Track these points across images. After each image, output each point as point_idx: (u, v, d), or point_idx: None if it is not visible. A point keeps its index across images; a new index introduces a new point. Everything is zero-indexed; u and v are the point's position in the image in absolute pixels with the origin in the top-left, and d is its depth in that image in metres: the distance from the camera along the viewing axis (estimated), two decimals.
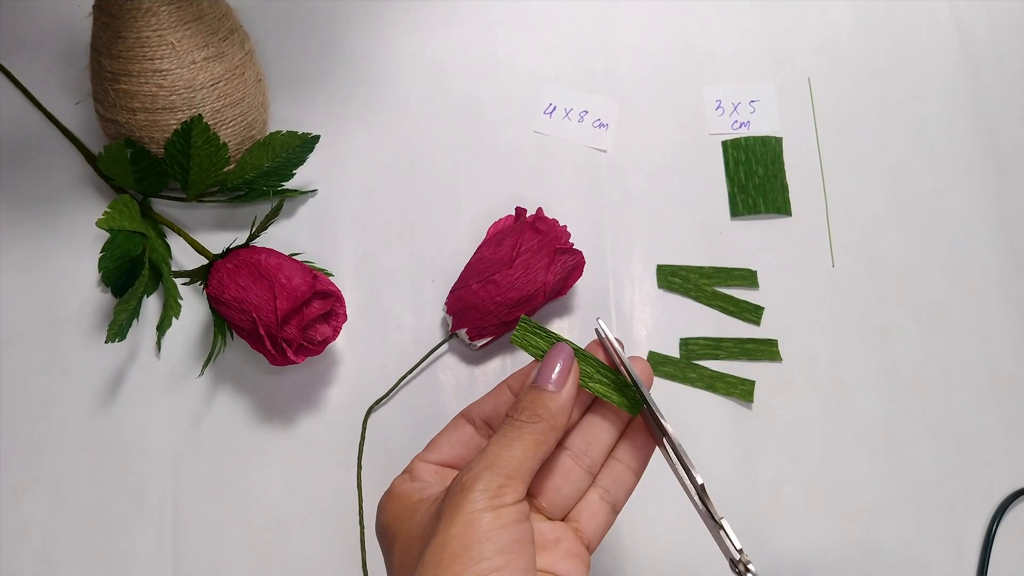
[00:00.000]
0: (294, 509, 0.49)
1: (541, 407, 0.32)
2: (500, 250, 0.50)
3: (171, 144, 0.49)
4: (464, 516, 0.29)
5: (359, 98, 0.59)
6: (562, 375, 0.33)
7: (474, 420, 0.36)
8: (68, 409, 0.51)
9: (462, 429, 0.36)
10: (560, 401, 0.33)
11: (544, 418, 0.32)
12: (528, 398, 0.33)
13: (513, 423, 0.32)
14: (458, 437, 0.36)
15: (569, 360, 0.34)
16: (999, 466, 0.51)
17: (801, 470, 0.51)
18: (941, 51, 0.61)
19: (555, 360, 0.34)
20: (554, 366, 0.33)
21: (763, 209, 0.56)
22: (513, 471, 0.30)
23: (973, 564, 0.49)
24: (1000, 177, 0.58)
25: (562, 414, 0.33)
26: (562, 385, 0.33)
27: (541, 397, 0.33)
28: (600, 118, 0.59)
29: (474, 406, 0.37)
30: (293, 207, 0.56)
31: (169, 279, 0.51)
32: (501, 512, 0.29)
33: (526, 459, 0.31)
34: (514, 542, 0.29)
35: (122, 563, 0.48)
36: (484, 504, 0.29)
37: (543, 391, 0.33)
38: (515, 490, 0.30)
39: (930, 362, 0.54)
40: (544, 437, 0.32)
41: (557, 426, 0.32)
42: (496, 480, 0.30)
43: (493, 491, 0.30)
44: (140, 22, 0.48)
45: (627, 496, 0.36)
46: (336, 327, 0.48)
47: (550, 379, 0.33)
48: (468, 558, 0.28)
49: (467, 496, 0.29)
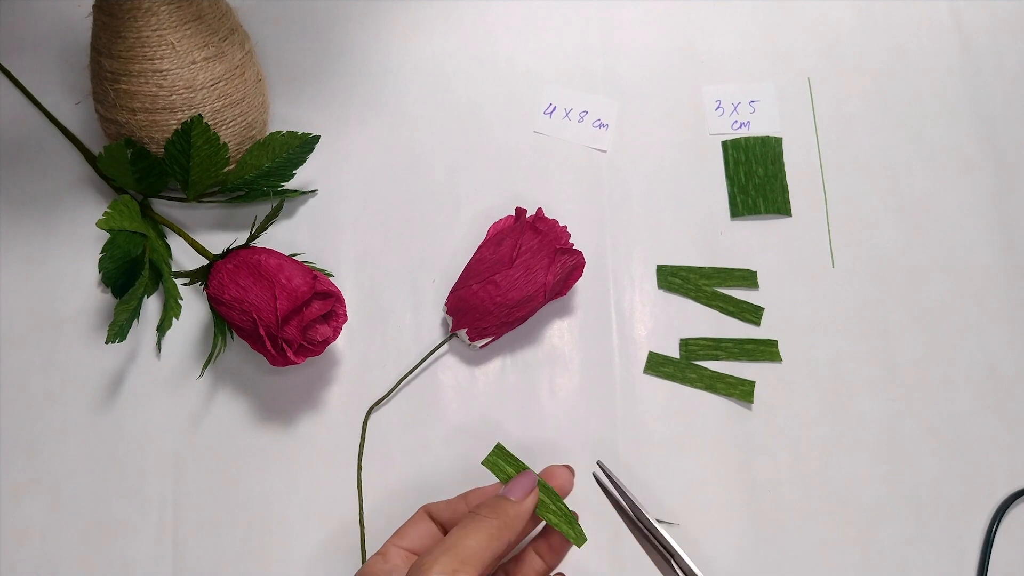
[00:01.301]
0: (294, 509, 0.49)
1: (501, 509, 0.37)
2: (500, 250, 0.50)
3: (171, 144, 0.49)
4: None
5: (359, 98, 0.59)
6: (524, 491, 0.38)
7: (437, 518, 0.41)
8: (68, 409, 0.51)
9: (426, 523, 0.41)
10: (519, 509, 0.38)
11: (501, 516, 0.37)
12: (492, 502, 0.38)
13: (474, 516, 0.37)
14: (424, 529, 0.40)
15: (532, 485, 0.39)
16: (999, 466, 0.51)
17: (801, 470, 0.51)
18: (941, 51, 0.61)
19: (522, 482, 0.39)
20: (521, 484, 0.39)
21: (763, 209, 0.56)
22: (467, 557, 0.34)
23: (973, 564, 0.49)
24: (1000, 177, 0.58)
25: (519, 520, 0.37)
26: (523, 498, 0.38)
27: (502, 502, 0.38)
28: (600, 118, 0.59)
29: (438, 505, 0.41)
30: (293, 207, 0.56)
31: (169, 279, 0.51)
32: None
33: (480, 549, 0.35)
34: None
35: (122, 563, 0.48)
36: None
37: (506, 500, 0.38)
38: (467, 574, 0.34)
39: (930, 362, 0.54)
40: (499, 533, 0.36)
41: (513, 528, 0.37)
42: (452, 564, 0.34)
43: (448, 572, 0.33)
44: (140, 22, 0.48)
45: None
46: (336, 327, 0.48)
47: (515, 493, 0.38)
48: None
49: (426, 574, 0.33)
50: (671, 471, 0.51)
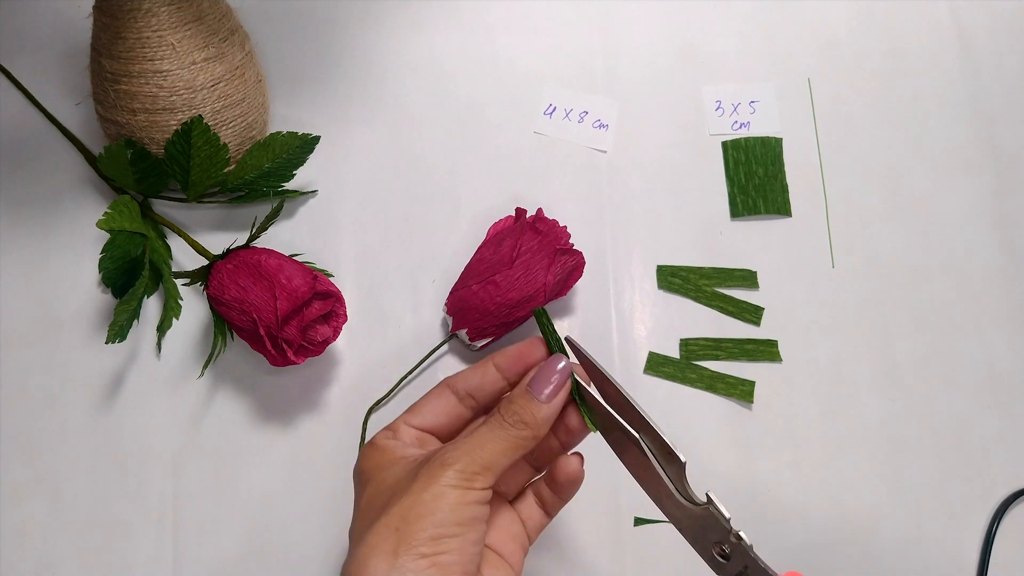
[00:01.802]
0: (294, 509, 0.49)
1: (528, 416, 0.36)
2: (500, 251, 0.50)
3: (171, 145, 0.49)
4: (437, 488, 0.33)
5: (359, 98, 0.59)
6: (555, 390, 0.37)
7: (457, 390, 0.39)
8: (68, 409, 0.51)
9: (445, 398, 0.39)
10: (546, 413, 0.36)
11: (529, 426, 0.36)
12: (519, 403, 0.36)
13: (502, 423, 0.36)
14: (441, 406, 0.39)
15: (565, 377, 0.37)
16: (999, 466, 0.51)
17: (801, 470, 0.51)
18: (941, 51, 0.61)
19: (552, 372, 0.37)
20: (550, 378, 0.37)
21: (763, 210, 0.57)
22: (488, 463, 0.34)
23: (973, 564, 0.49)
24: (1000, 177, 0.58)
25: (545, 425, 0.36)
26: (552, 399, 0.36)
27: (531, 406, 0.36)
28: (600, 118, 0.59)
29: (459, 377, 0.39)
30: (293, 208, 0.56)
31: (169, 280, 0.51)
32: (468, 493, 0.33)
33: (503, 457, 0.35)
34: (472, 519, 0.33)
35: (122, 563, 0.48)
36: (456, 483, 0.33)
37: (534, 400, 0.36)
38: (485, 479, 0.34)
39: (930, 362, 0.54)
40: (524, 443, 0.36)
41: (538, 435, 0.36)
42: (472, 467, 0.34)
43: (467, 475, 0.34)
44: (140, 23, 0.48)
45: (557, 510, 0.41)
46: (336, 327, 0.48)
47: (543, 390, 0.36)
48: (430, 522, 0.32)
49: (444, 471, 0.33)
50: None
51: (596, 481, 0.50)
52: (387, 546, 0.32)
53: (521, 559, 0.39)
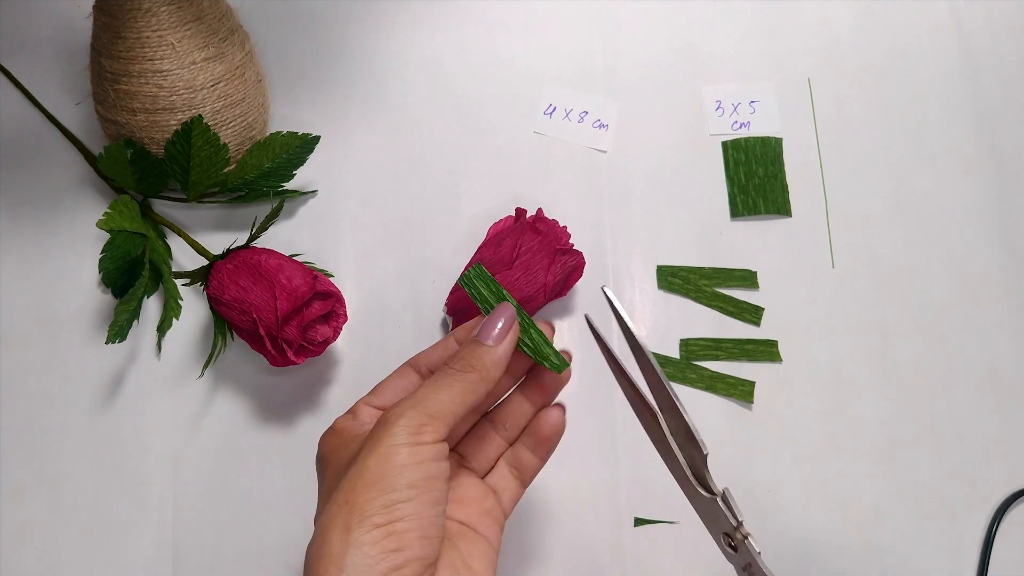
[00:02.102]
0: (294, 509, 0.49)
1: (476, 359, 0.34)
2: (500, 251, 0.50)
3: (171, 144, 0.49)
4: (383, 448, 0.31)
5: (359, 98, 0.59)
6: (502, 332, 0.35)
7: (419, 369, 0.38)
8: (68, 409, 0.51)
9: (407, 377, 0.38)
10: (495, 356, 0.34)
11: (477, 369, 0.34)
12: (466, 350, 0.35)
13: (446, 371, 0.34)
14: (402, 384, 0.37)
15: (511, 320, 0.35)
16: (999, 466, 0.51)
17: (801, 470, 0.51)
18: (941, 51, 0.61)
19: (498, 318, 0.35)
20: (496, 323, 0.35)
21: (763, 210, 0.57)
22: (436, 412, 0.32)
23: (973, 564, 0.49)
24: (1000, 177, 0.58)
25: (495, 368, 0.34)
26: (500, 341, 0.35)
27: (478, 350, 0.34)
28: (600, 118, 0.59)
29: (421, 355, 0.38)
30: (293, 208, 0.56)
31: (169, 280, 0.51)
32: (418, 449, 0.31)
33: (452, 403, 0.33)
34: (426, 478, 0.31)
35: (122, 563, 0.48)
36: (403, 439, 0.31)
37: (481, 345, 0.34)
38: (435, 430, 0.32)
39: (930, 362, 0.54)
40: (473, 387, 0.33)
41: (488, 378, 0.34)
42: (418, 418, 0.31)
43: (414, 428, 0.31)
44: (140, 22, 0.48)
45: (533, 475, 0.39)
46: (336, 327, 0.48)
47: (490, 335, 0.35)
48: (380, 488, 0.30)
49: (388, 430, 0.31)
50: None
51: (596, 481, 0.50)
52: (339, 522, 0.30)
53: (498, 534, 0.37)
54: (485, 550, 0.35)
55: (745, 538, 0.34)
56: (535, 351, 0.36)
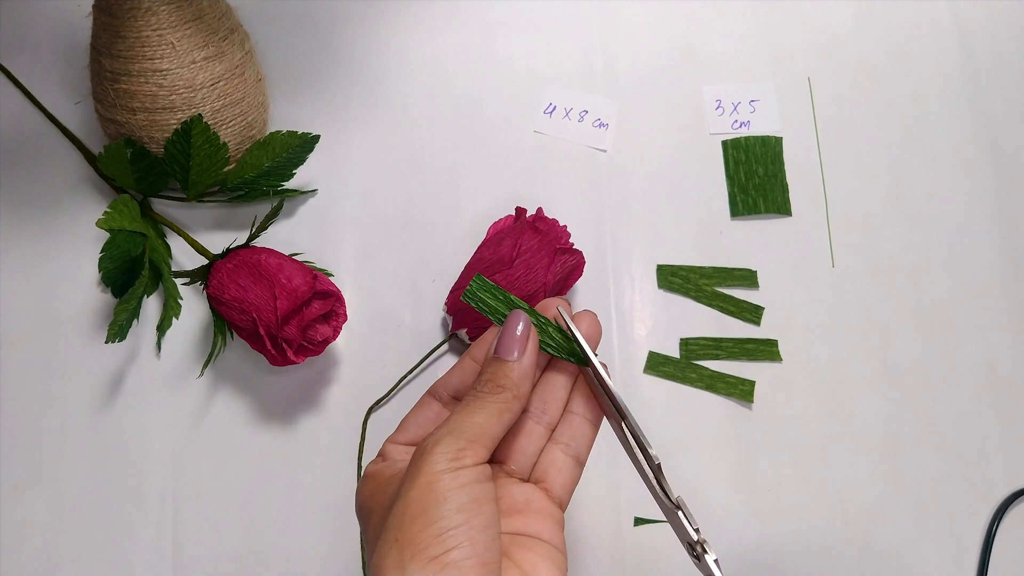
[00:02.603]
0: (294, 509, 0.49)
1: (503, 377, 0.33)
2: (500, 250, 0.50)
3: (171, 144, 0.49)
4: (423, 478, 0.29)
5: (359, 98, 0.59)
6: (521, 342, 0.33)
7: (441, 396, 0.37)
8: (68, 409, 0.51)
9: (429, 407, 0.36)
10: (522, 369, 0.33)
11: (507, 388, 0.32)
12: (491, 370, 0.33)
13: (477, 394, 0.32)
14: (425, 415, 0.36)
15: (527, 327, 0.34)
16: (999, 466, 0.51)
17: (801, 470, 0.51)
18: (941, 51, 0.61)
19: (514, 328, 0.34)
20: (513, 334, 0.33)
21: (763, 209, 0.56)
22: (474, 436, 0.31)
23: (973, 564, 0.49)
24: (1000, 177, 0.58)
25: (525, 381, 0.33)
26: (523, 353, 0.33)
27: (503, 368, 0.33)
28: (600, 118, 0.59)
29: (440, 382, 0.37)
30: (293, 207, 0.56)
31: (169, 279, 0.51)
32: (459, 473, 0.30)
33: (489, 426, 0.31)
34: (472, 501, 0.29)
35: (122, 563, 0.48)
36: (443, 466, 0.30)
37: (505, 362, 0.33)
38: (475, 453, 0.30)
39: (930, 362, 0.54)
40: (508, 406, 0.32)
41: (520, 395, 0.33)
42: (456, 443, 0.30)
43: (453, 454, 0.30)
44: (140, 22, 0.48)
45: (589, 447, 0.36)
46: (336, 327, 0.48)
47: (511, 349, 0.33)
48: (426, 518, 0.29)
49: (427, 459, 0.30)
50: (671, 471, 0.50)
51: (596, 481, 0.50)
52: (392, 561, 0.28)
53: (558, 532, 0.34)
54: (547, 553, 0.33)
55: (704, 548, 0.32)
56: (559, 348, 0.35)
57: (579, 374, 0.36)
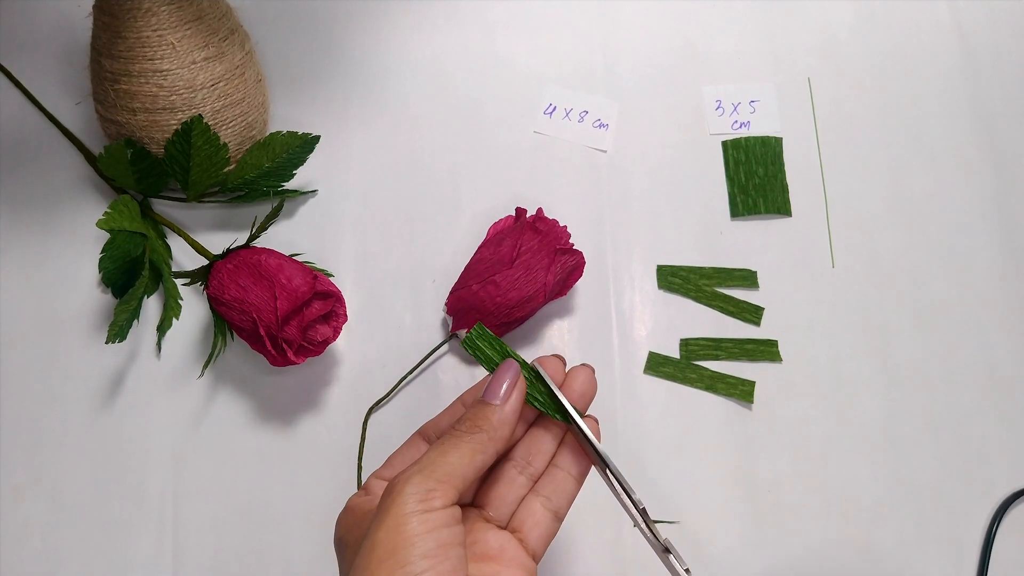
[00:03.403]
0: (294, 509, 0.49)
1: (483, 419, 0.33)
2: (500, 250, 0.50)
3: (171, 144, 0.49)
4: (391, 519, 0.29)
5: (359, 98, 0.59)
6: (508, 391, 0.34)
7: (429, 437, 0.37)
8: (68, 409, 0.51)
9: (417, 446, 0.37)
10: (503, 415, 0.34)
11: (484, 429, 0.33)
12: (472, 411, 0.34)
13: (453, 433, 0.33)
14: (412, 455, 0.36)
15: (515, 377, 0.35)
16: (999, 466, 0.51)
17: (801, 470, 0.51)
18: (941, 51, 0.61)
19: (503, 376, 0.35)
20: (502, 382, 0.34)
21: (763, 209, 0.56)
22: (445, 476, 0.31)
23: (973, 564, 0.49)
24: (1000, 177, 0.58)
25: (504, 426, 0.33)
26: (507, 400, 0.34)
27: (484, 410, 0.34)
28: (600, 118, 0.59)
29: (430, 423, 0.38)
30: (293, 207, 0.56)
31: (169, 280, 0.51)
32: (428, 517, 0.30)
33: (460, 465, 0.31)
34: (439, 546, 0.29)
35: (122, 563, 0.48)
36: (412, 507, 0.29)
37: (487, 405, 0.34)
38: (444, 494, 0.30)
39: (930, 362, 0.54)
40: (482, 447, 0.32)
41: (497, 437, 0.33)
42: (426, 483, 0.30)
43: (422, 494, 0.30)
44: (140, 22, 0.48)
45: (569, 503, 0.37)
46: (336, 327, 0.48)
47: (496, 394, 0.34)
48: (393, 562, 0.28)
49: (395, 499, 0.30)
50: (671, 471, 0.51)
51: (596, 481, 0.50)
52: None
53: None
54: None
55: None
56: (545, 404, 0.36)
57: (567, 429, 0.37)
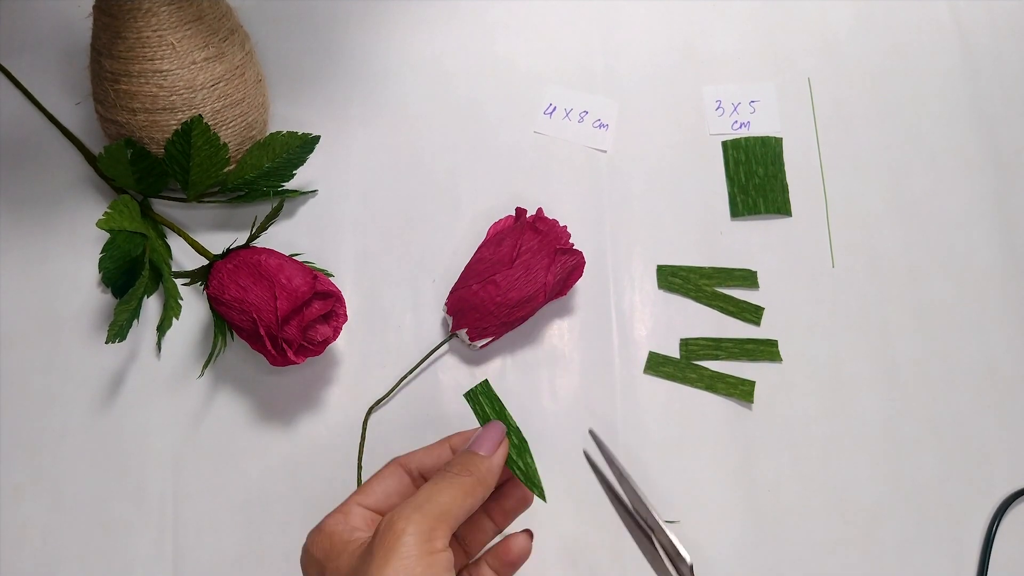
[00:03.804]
0: (294, 509, 0.49)
1: (473, 466, 0.36)
2: (500, 250, 0.50)
3: (171, 144, 0.49)
4: (398, 561, 0.31)
5: (359, 98, 0.59)
6: (494, 445, 0.37)
7: (410, 471, 0.39)
8: (68, 409, 0.51)
9: (397, 477, 0.39)
10: (490, 464, 0.37)
11: (474, 473, 0.36)
12: (463, 457, 0.37)
13: (445, 474, 0.35)
14: (393, 486, 0.38)
15: (501, 435, 0.38)
16: (999, 466, 0.51)
17: (801, 470, 0.51)
18: (941, 51, 0.61)
19: (492, 432, 0.38)
20: (491, 437, 0.38)
21: (763, 209, 0.57)
22: (442, 515, 0.33)
23: (973, 564, 0.49)
24: (1000, 177, 0.58)
25: (490, 475, 0.36)
26: (492, 452, 0.37)
27: (474, 458, 0.37)
28: (600, 118, 0.59)
29: (412, 456, 0.40)
30: (293, 207, 0.56)
31: (169, 280, 0.51)
32: (432, 560, 0.31)
33: (454, 506, 0.34)
34: None
35: (122, 563, 0.48)
36: (417, 550, 0.31)
37: (476, 454, 0.37)
38: (444, 535, 0.32)
39: (930, 362, 0.54)
40: (472, 490, 0.35)
41: (485, 484, 0.36)
42: (426, 523, 0.32)
43: (425, 534, 0.32)
44: (140, 22, 0.48)
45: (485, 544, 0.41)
46: (336, 327, 0.48)
47: (486, 446, 0.37)
48: None
49: (399, 539, 0.31)
50: (671, 471, 0.51)
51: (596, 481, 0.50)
52: None
53: None
54: None
55: None
56: (526, 475, 0.39)
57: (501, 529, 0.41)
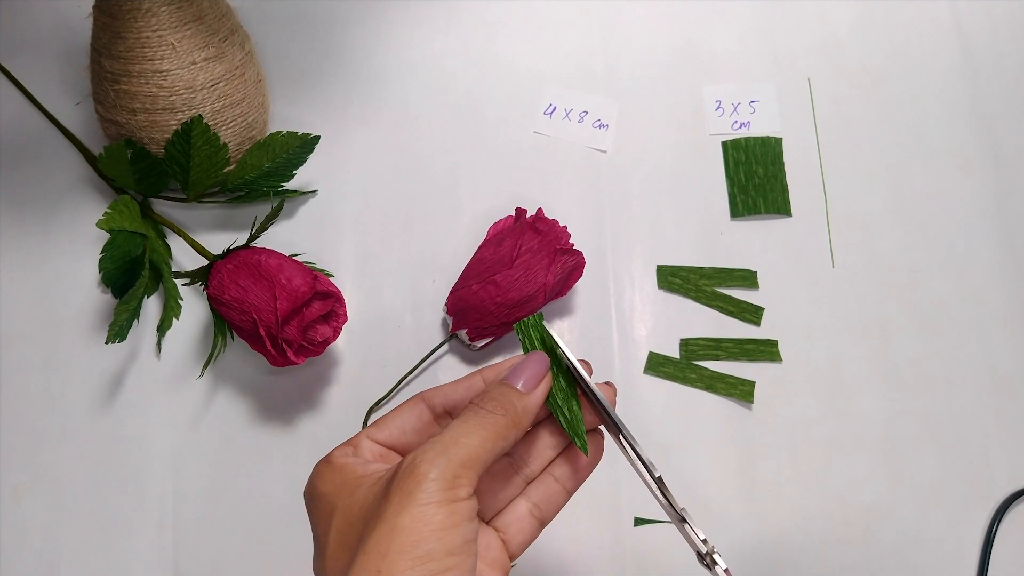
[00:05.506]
0: (294, 509, 0.49)
1: (509, 403, 0.31)
2: (500, 250, 0.50)
3: (171, 144, 0.49)
4: (416, 507, 0.28)
5: (359, 98, 0.59)
6: (534, 380, 0.33)
7: (434, 407, 0.35)
8: (68, 409, 0.51)
9: (418, 412, 0.35)
10: (528, 402, 0.32)
11: (509, 413, 0.31)
12: (498, 391, 0.32)
13: (478, 410, 0.31)
14: (412, 422, 0.34)
15: (545, 370, 0.33)
16: (999, 466, 0.51)
17: (801, 470, 0.51)
18: (941, 51, 0.61)
19: (532, 365, 0.33)
20: (533, 371, 0.33)
21: (763, 209, 0.56)
22: (469, 460, 0.29)
23: (973, 564, 0.49)
24: (1000, 177, 0.58)
25: (527, 415, 0.32)
26: (532, 389, 0.32)
27: (510, 394, 0.32)
28: (600, 118, 0.59)
29: (437, 391, 0.35)
30: (293, 208, 0.56)
31: (169, 280, 0.51)
32: (455, 508, 0.28)
33: (483, 450, 0.30)
34: (464, 543, 0.28)
35: (122, 563, 0.48)
36: (438, 497, 0.28)
37: (513, 389, 0.32)
38: (469, 482, 0.29)
39: (930, 362, 0.54)
40: (505, 432, 0.31)
41: (520, 425, 0.32)
42: (451, 469, 0.28)
43: (448, 481, 0.28)
44: (140, 22, 0.48)
45: (556, 513, 0.35)
46: (336, 327, 0.48)
47: (523, 380, 0.32)
48: (417, 556, 0.27)
49: (420, 484, 0.28)
50: (671, 471, 0.51)
51: (596, 481, 0.50)
52: None
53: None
54: None
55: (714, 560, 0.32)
56: (571, 424, 0.34)
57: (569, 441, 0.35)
